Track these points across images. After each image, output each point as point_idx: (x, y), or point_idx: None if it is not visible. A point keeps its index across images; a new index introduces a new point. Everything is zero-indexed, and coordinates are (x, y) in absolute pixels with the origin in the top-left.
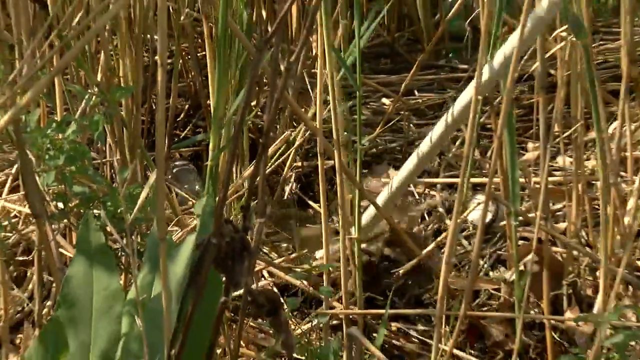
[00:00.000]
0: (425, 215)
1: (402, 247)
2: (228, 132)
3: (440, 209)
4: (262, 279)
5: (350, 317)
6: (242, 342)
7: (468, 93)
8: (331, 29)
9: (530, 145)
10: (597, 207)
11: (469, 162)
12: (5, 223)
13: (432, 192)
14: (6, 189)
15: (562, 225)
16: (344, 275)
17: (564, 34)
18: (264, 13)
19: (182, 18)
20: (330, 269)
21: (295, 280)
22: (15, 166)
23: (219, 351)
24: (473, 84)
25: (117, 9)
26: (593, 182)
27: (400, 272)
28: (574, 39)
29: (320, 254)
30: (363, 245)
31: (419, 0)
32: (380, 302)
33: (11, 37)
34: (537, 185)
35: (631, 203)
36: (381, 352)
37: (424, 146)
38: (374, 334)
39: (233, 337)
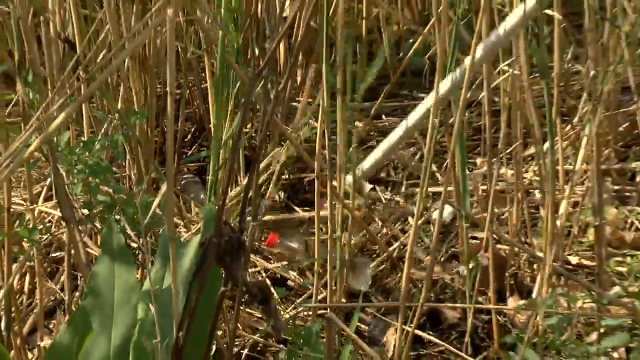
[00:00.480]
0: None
1: None
2: (225, 151)
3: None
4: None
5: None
6: (239, 325)
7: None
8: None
9: (478, 160)
10: (533, 211)
11: (427, 173)
12: (41, 226)
13: (397, 199)
14: (41, 198)
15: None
16: (330, 268)
17: (505, 67)
18: (256, 50)
19: (188, 55)
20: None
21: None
22: (49, 179)
23: (219, 333)
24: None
25: (134, 47)
26: (530, 190)
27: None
28: (540, 79)
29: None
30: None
31: (385, 41)
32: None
33: (45, 71)
34: (484, 193)
35: (562, 208)
36: (355, 334)
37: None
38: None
39: (231, 321)
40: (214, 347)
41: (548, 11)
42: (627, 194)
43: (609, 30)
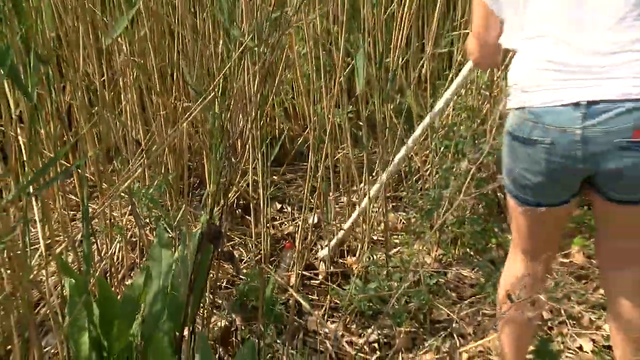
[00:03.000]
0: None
1: None
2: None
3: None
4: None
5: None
6: (220, 271)
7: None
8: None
9: (330, 194)
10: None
11: (307, 199)
12: (126, 228)
13: (293, 211)
14: (126, 214)
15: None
16: (265, 242)
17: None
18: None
19: (195, 145)
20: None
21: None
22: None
23: (210, 275)
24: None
25: (169, 142)
26: (355, 205)
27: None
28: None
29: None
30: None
31: (287, 138)
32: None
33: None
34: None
35: (369, 214)
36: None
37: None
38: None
39: (215, 269)
40: (208, 283)
41: (360, 123)
42: (399, 206)
43: (389, 135)
